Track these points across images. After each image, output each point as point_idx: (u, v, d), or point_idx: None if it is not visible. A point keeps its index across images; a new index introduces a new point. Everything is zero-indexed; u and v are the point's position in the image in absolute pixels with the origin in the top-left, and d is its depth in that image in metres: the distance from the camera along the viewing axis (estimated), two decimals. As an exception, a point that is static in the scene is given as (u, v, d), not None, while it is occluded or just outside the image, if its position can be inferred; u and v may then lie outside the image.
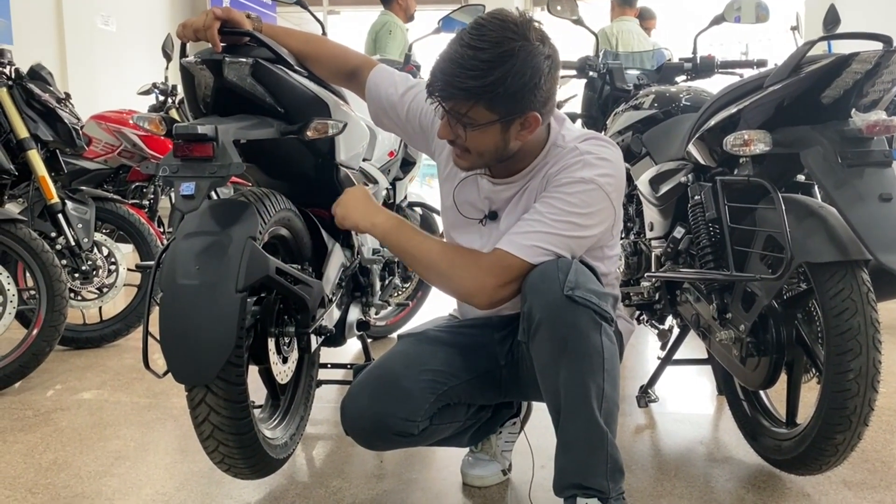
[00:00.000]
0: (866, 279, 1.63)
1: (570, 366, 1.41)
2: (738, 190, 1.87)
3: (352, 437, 1.63)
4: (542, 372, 1.47)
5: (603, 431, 1.42)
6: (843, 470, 1.92)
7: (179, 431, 2.22)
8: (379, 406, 1.57)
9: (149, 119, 1.78)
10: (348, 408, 1.61)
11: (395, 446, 1.70)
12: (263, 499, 1.80)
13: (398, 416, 1.56)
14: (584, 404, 1.41)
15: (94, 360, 3.01)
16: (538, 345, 1.45)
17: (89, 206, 3.09)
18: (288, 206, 1.79)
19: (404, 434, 1.58)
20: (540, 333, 1.43)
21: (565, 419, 1.44)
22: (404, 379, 1.59)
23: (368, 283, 2.33)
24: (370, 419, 1.58)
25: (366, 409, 1.58)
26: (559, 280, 1.42)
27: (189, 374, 1.49)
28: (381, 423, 1.57)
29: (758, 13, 2.72)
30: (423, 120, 1.70)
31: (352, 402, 1.60)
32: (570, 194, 1.49)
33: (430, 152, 1.77)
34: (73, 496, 1.81)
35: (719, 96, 1.98)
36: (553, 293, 1.41)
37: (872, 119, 1.61)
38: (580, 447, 1.43)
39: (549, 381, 1.45)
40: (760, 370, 1.84)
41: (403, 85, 1.73)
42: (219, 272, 1.47)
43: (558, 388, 1.43)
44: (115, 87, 5.84)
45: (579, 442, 1.43)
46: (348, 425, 1.62)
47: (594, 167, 1.51)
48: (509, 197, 1.62)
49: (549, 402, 1.48)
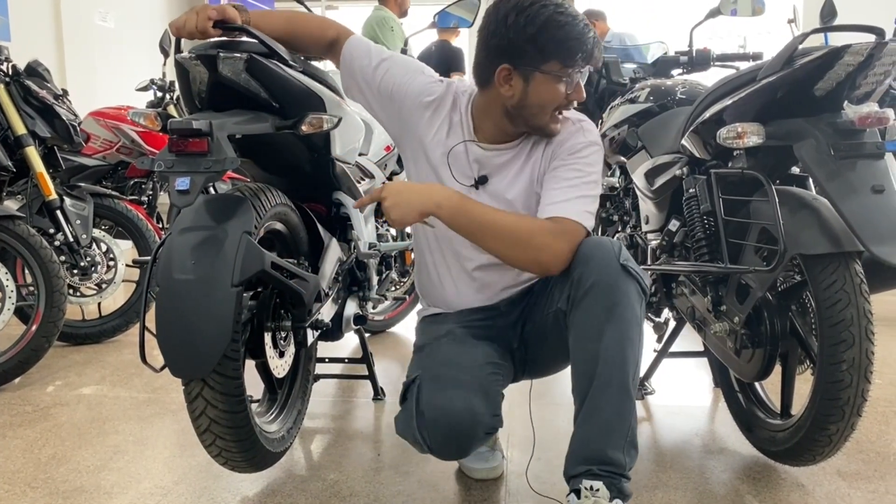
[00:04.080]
0: (859, 270, 1.63)
1: (614, 332, 1.48)
2: (733, 183, 1.87)
3: (439, 449, 1.54)
4: (582, 336, 1.52)
5: (632, 401, 1.49)
6: (837, 460, 1.93)
7: (178, 426, 2.23)
8: (472, 407, 1.51)
9: (144, 115, 1.79)
10: (438, 420, 1.51)
11: (475, 448, 1.63)
12: (261, 492, 1.81)
13: (489, 412, 1.53)
14: (621, 371, 1.48)
15: (93, 356, 3.02)
16: (584, 310, 1.51)
17: (87, 202, 3.09)
18: (284, 200, 1.79)
19: (490, 431, 1.56)
20: (589, 298, 1.50)
21: (599, 384, 1.48)
22: (478, 377, 1.57)
23: (365, 278, 2.34)
24: (468, 423, 1.51)
25: (462, 413, 1.50)
26: (614, 251, 1.52)
27: (185, 368, 1.50)
28: (476, 424, 1.51)
29: (754, 6, 2.72)
30: (395, 92, 1.73)
31: (440, 413, 1.51)
32: (586, 156, 1.63)
33: (397, 127, 1.77)
34: (71, 490, 1.82)
35: (713, 89, 1.99)
36: (609, 261, 1.50)
37: (865, 111, 1.61)
38: (610, 413, 1.48)
39: (589, 347, 1.50)
40: (755, 362, 1.85)
41: (378, 56, 1.75)
42: (214, 267, 1.47)
43: (598, 353, 1.48)
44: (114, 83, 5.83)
45: (611, 407, 1.47)
46: (440, 435, 1.52)
47: (591, 132, 1.67)
48: (502, 163, 1.68)
49: (580, 371, 1.52)
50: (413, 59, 1.83)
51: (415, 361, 1.71)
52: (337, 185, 2.09)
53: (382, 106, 1.76)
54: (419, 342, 1.77)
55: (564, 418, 2.26)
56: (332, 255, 2.02)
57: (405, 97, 1.72)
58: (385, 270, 2.70)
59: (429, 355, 1.67)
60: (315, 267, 1.95)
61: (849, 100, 1.68)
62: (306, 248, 1.94)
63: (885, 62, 1.61)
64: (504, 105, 1.62)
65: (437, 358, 1.64)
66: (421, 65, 1.79)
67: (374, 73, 1.74)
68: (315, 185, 2.06)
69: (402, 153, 1.81)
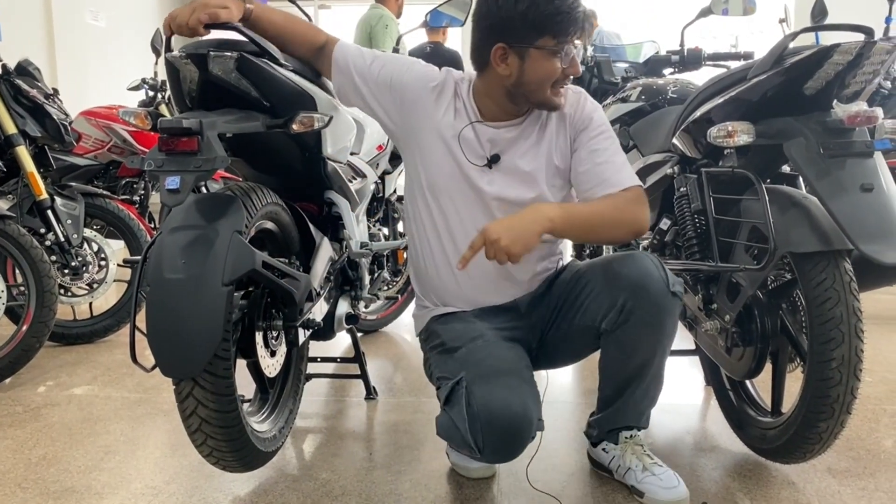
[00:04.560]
0: (849, 269, 1.64)
1: (661, 343, 1.69)
2: (723, 181, 1.88)
3: (492, 450, 1.54)
4: (627, 349, 1.69)
5: (662, 382, 1.80)
6: (827, 458, 1.94)
7: (170, 426, 2.23)
8: (527, 409, 1.53)
9: (134, 114, 1.78)
10: (494, 422, 1.51)
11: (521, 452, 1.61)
12: (253, 492, 1.81)
13: (537, 414, 1.57)
14: (659, 368, 1.74)
15: (85, 356, 3.01)
16: (632, 329, 1.66)
17: (78, 201, 3.08)
18: (275, 199, 1.79)
19: (534, 435, 1.58)
20: (637, 325, 1.65)
21: (639, 384, 1.74)
22: (524, 379, 1.60)
23: (357, 277, 2.33)
24: (526, 424, 1.53)
25: (520, 414, 1.52)
26: (663, 279, 1.64)
27: (176, 367, 1.49)
28: (531, 425, 1.54)
29: (745, 5, 2.72)
30: (394, 81, 1.76)
31: (497, 415, 1.51)
32: (603, 122, 1.75)
33: (399, 118, 1.79)
34: (62, 491, 1.82)
35: (704, 88, 1.99)
36: (660, 292, 1.63)
37: (854, 110, 1.62)
38: (646, 401, 1.78)
39: (635, 359, 1.70)
40: (745, 360, 1.86)
41: (370, 54, 1.80)
42: (205, 266, 1.47)
43: (641, 364, 1.70)
44: (105, 82, 5.81)
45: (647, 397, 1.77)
46: (496, 437, 1.52)
47: (588, 95, 1.79)
48: (513, 138, 1.74)
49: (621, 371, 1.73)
50: (404, 55, 1.85)
51: (448, 361, 1.69)
52: (328, 184, 2.08)
53: (381, 99, 1.78)
54: (446, 342, 1.73)
55: (560, 418, 2.26)
56: (323, 254, 2.01)
57: (406, 85, 1.75)
58: (377, 270, 2.69)
59: (469, 356, 1.65)
60: (306, 266, 1.94)
61: (838, 99, 1.69)
62: (298, 248, 1.94)
63: (874, 61, 1.62)
64: (503, 85, 1.66)
65: (481, 360, 1.63)
66: (413, 58, 1.83)
67: (370, 67, 1.77)
68: (306, 185, 2.06)
69: (407, 146, 1.81)
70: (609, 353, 1.75)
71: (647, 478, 1.74)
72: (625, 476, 1.79)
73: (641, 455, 1.78)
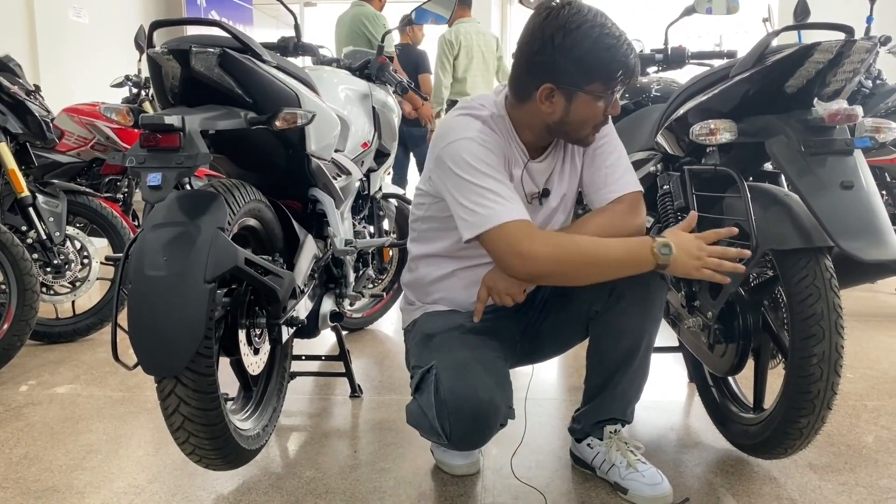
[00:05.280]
0: (829, 266, 1.65)
1: (643, 329, 1.74)
2: (706, 179, 1.89)
3: (459, 438, 1.56)
4: (615, 333, 1.74)
5: (648, 372, 1.84)
6: (808, 453, 1.96)
7: (153, 424, 2.21)
8: (494, 397, 1.55)
9: (116, 110, 1.77)
10: (462, 409, 1.53)
11: (488, 439, 1.65)
12: (236, 490, 1.80)
13: (505, 404, 1.60)
14: (645, 356, 1.79)
15: (67, 355, 2.98)
16: (620, 313, 1.72)
17: (61, 199, 3.05)
18: (258, 196, 1.78)
19: (504, 423, 1.62)
20: (626, 303, 1.71)
21: (625, 370, 1.77)
22: (495, 369, 1.63)
23: (342, 275, 2.33)
24: (492, 412, 1.55)
25: (487, 402, 1.54)
26: None
27: (158, 365, 1.49)
28: (497, 414, 1.57)
29: (729, 4, 2.73)
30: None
31: (464, 402, 1.53)
32: (610, 127, 1.79)
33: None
34: (43, 490, 1.80)
35: (687, 86, 2.00)
36: (650, 273, 1.61)
37: (834, 108, 1.63)
38: (632, 391, 1.82)
39: (622, 343, 1.74)
40: (728, 356, 1.87)
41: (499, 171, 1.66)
42: (186, 263, 1.46)
43: (628, 348, 1.74)
44: (88, 79, 5.77)
45: (633, 387, 1.81)
46: (463, 424, 1.54)
47: None
48: (551, 168, 1.78)
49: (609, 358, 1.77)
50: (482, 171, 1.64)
51: (424, 350, 1.72)
52: (313, 181, 2.08)
53: None
54: (426, 331, 1.77)
55: (545, 414, 2.27)
56: (307, 251, 2.01)
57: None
58: (362, 267, 2.69)
59: (443, 346, 1.69)
60: (290, 264, 1.94)
61: (819, 97, 1.70)
62: (281, 245, 1.93)
63: (854, 60, 1.63)
64: (545, 121, 1.66)
65: (453, 349, 1.66)
66: (487, 159, 1.65)
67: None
68: (290, 182, 2.05)
69: None
70: (598, 339, 1.79)
71: (630, 474, 1.75)
72: (608, 473, 1.79)
73: (626, 451, 1.79)
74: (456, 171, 1.60)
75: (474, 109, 1.69)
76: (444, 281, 1.81)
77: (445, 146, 1.64)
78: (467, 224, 1.60)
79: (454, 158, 1.61)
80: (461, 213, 1.61)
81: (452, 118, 1.69)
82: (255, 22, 8.55)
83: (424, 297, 1.86)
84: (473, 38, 5.33)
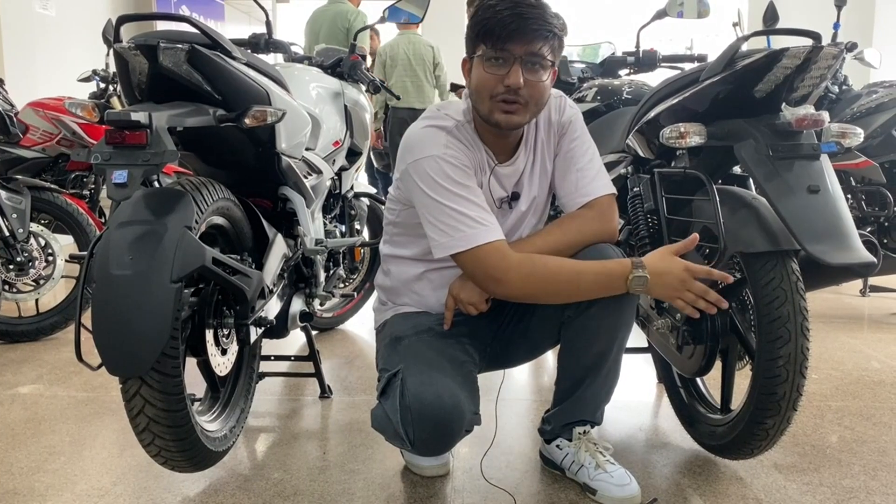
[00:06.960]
0: (796, 269, 1.67)
1: (619, 332, 1.71)
2: (676, 182, 1.90)
3: (422, 443, 1.55)
4: (586, 336, 1.71)
5: (618, 375, 1.82)
6: (774, 454, 1.98)
7: (117, 426, 2.18)
8: (459, 403, 1.53)
9: (81, 105, 1.74)
10: (425, 414, 1.51)
11: (453, 446, 1.65)
12: (203, 492, 1.78)
13: (471, 409, 1.58)
14: (616, 360, 1.77)
15: (30, 354, 2.93)
16: (590, 318, 1.68)
17: (24, 195, 2.99)
18: (227, 195, 1.76)
19: (470, 428, 1.60)
20: (597, 305, 1.66)
21: (596, 374, 1.76)
22: (461, 374, 1.61)
23: (312, 274, 2.31)
24: (456, 418, 1.53)
25: (451, 408, 1.52)
26: None
27: (122, 365, 1.46)
28: (462, 420, 1.55)
29: (700, 8, 2.77)
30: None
31: (428, 407, 1.51)
32: (580, 128, 1.77)
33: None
34: (3, 493, 1.76)
35: (658, 89, 2.01)
36: None
37: (801, 113, 1.65)
38: (602, 393, 1.80)
39: (593, 349, 1.72)
40: (696, 358, 1.88)
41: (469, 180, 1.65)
42: (152, 262, 1.44)
43: (600, 352, 1.72)
44: (55, 73, 5.67)
45: (603, 389, 1.80)
46: (426, 430, 1.52)
47: (566, 97, 1.80)
48: (520, 171, 1.74)
49: (580, 364, 1.75)
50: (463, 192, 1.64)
51: (392, 354, 1.70)
52: (283, 179, 2.06)
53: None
54: (395, 334, 1.75)
55: (516, 416, 2.27)
56: (276, 250, 1.99)
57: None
58: (333, 267, 2.67)
59: (410, 349, 1.67)
60: (259, 263, 1.91)
61: (787, 102, 1.72)
62: (250, 244, 1.91)
63: (821, 66, 1.65)
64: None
65: (421, 353, 1.64)
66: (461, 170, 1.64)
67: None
68: (260, 180, 2.03)
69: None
70: (570, 342, 1.76)
71: (599, 475, 1.75)
72: (577, 474, 1.80)
73: (595, 452, 1.79)
74: (426, 190, 1.59)
75: (439, 120, 1.66)
76: (415, 283, 1.80)
77: (413, 162, 1.62)
78: (439, 244, 1.60)
79: (422, 177, 1.60)
80: (432, 234, 1.60)
81: (419, 130, 1.66)
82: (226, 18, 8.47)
83: (396, 298, 1.85)
84: (401, 47, 5.71)
